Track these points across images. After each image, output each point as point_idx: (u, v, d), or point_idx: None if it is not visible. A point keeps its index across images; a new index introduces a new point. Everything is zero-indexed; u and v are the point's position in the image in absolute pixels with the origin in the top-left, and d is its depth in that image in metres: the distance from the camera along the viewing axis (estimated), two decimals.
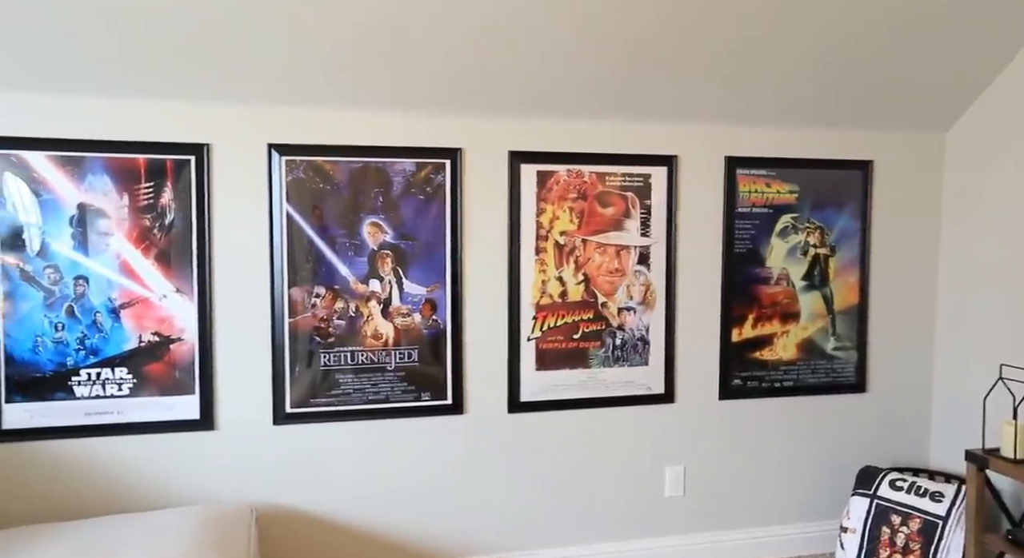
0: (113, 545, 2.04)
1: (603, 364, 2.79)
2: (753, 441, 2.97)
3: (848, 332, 3.02)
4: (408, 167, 2.58)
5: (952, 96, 2.85)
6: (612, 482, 2.85)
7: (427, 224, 2.60)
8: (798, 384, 2.98)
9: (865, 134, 2.98)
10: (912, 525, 2.64)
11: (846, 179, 2.97)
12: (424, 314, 2.62)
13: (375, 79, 2.41)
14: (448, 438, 2.68)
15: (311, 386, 2.55)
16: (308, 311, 2.54)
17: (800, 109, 2.80)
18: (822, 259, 2.97)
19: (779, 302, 2.94)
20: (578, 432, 2.80)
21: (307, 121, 2.50)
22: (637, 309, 2.81)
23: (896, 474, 2.79)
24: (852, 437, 3.07)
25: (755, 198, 2.89)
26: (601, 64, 2.46)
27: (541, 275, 2.71)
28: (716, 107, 2.74)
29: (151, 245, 2.40)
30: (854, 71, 2.65)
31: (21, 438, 2.33)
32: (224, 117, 2.44)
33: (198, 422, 2.47)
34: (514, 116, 2.64)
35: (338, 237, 2.54)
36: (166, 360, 2.43)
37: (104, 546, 2.04)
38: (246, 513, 2.34)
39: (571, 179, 2.72)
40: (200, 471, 2.49)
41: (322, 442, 2.58)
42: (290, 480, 2.56)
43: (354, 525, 2.62)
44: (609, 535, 2.86)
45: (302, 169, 2.50)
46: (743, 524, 2.99)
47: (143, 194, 2.39)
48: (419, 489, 2.67)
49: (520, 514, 2.77)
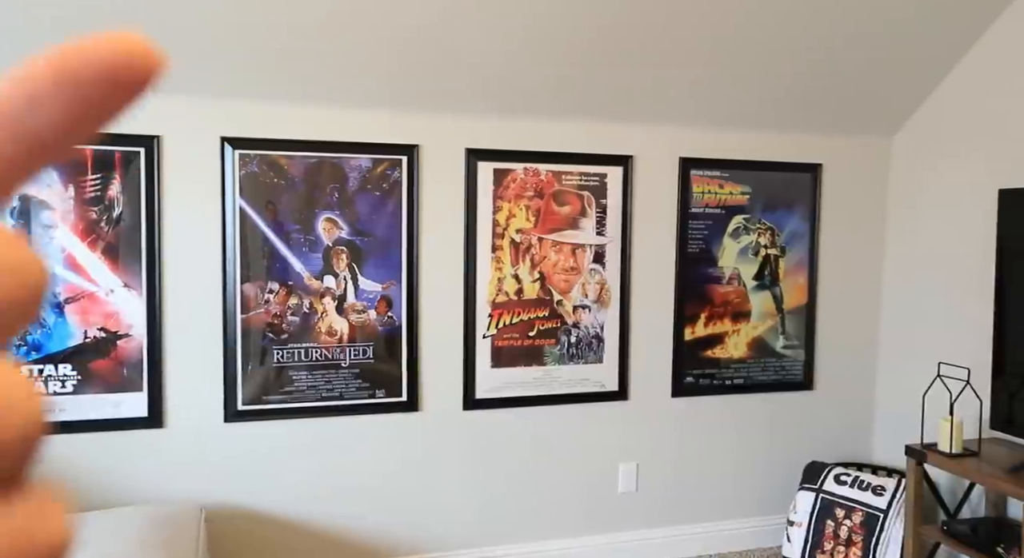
0: None
1: (558, 362, 2.81)
2: (705, 438, 3.03)
3: (797, 331, 3.09)
4: (364, 163, 2.57)
5: (899, 102, 2.94)
6: (566, 479, 2.87)
7: (383, 220, 2.59)
8: (748, 382, 3.05)
9: (815, 138, 3.05)
10: (855, 518, 2.72)
11: (796, 181, 3.05)
12: (379, 311, 2.61)
13: (332, 74, 2.39)
14: (403, 436, 2.68)
15: (264, 383, 2.52)
16: (261, 307, 2.51)
17: (753, 112, 2.87)
18: (772, 259, 3.04)
19: (731, 301, 3.00)
20: (533, 429, 2.82)
21: (262, 115, 2.47)
22: (592, 307, 2.84)
23: (841, 469, 2.88)
24: (800, 433, 3.15)
25: (708, 199, 2.95)
26: (559, 64, 2.48)
27: (497, 273, 2.72)
28: (672, 109, 2.78)
29: (98, 238, 2.35)
30: (805, 76, 2.72)
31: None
32: (176, 109, 2.40)
33: (146, 420, 2.42)
34: (472, 114, 2.65)
35: (293, 232, 2.52)
36: (113, 357, 2.38)
37: None
38: (195, 512, 2.31)
39: (528, 177, 2.73)
40: (148, 470, 2.44)
41: (275, 440, 2.55)
42: (241, 479, 2.53)
43: (307, 524, 2.60)
44: (563, 531, 2.88)
45: (256, 163, 2.47)
46: (695, 519, 3.05)
47: (90, 186, 2.33)
48: (374, 487, 2.66)
49: (475, 511, 2.78)
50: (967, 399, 2.63)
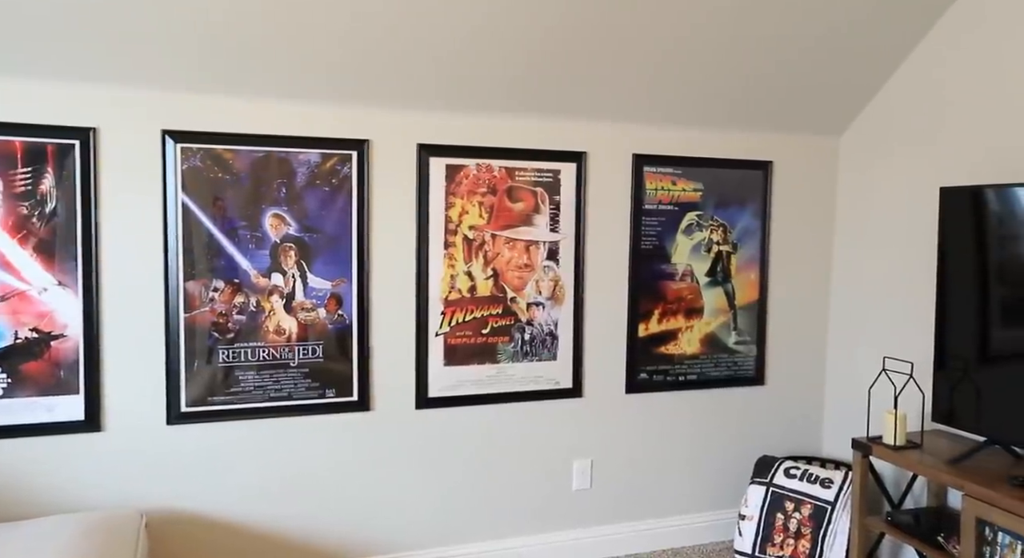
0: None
1: (512, 359, 2.79)
2: (659, 434, 3.05)
3: (748, 327, 3.13)
4: (313, 158, 2.50)
5: (845, 101, 3.00)
6: (521, 476, 2.86)
7: (332, 217, 2.54)
8: (702, 378, 3.07)
9: (765, 136, 3.09)
10: (804, 510, 2.77)
11: (748, 179, 3.08)
12: (329, 309, 2.55)
13: (279, 66, 2.32)
14: (354, 436, 2.63)
15: (209, 384, 2.44)
16: (206, 306, 2.43)
17: (706, 110, 2.88)
18: (725, 256, 3.07)
19: (684, 298, 3.02)
20: (487, 427, 2.79)
21: (205, 108, 2.39)
22: (546, 304, 2.82)
23: (791, 462, 2.92)
24: (752, 428, 3.19)
25: (661, 195, 2.96)
26: (513, 59, 2.46)
27: (450, 270, 2.69)
28: (625, 105, 2.78)
29: (29, 235, 2.25)
30: (756, 75, 2.75)
31: None
32: (113, 100, 2.30)
33: (83, 423, 2.32)
34: (423, 109, 2.61)
35: (239, 229, 2.44)
36: (46, 358, 2.28)
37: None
38: (135, 518, 2.23)
39: (481, 173, 2.70)
40: (86, 475, 2.34)
41: (221, 442, 2.48)
42: (185, 482, 2.45)
43: (255, 527, 2.53)
44: (518, 529, 2.87)
45: (199, 157, 2.39)
46: (649, 515, 3.06)
47: (20, 180, 2.23)
48: (324, 488, 2.61)
49: (429, 511, 2.74)
50: (911, 392, 2.70)
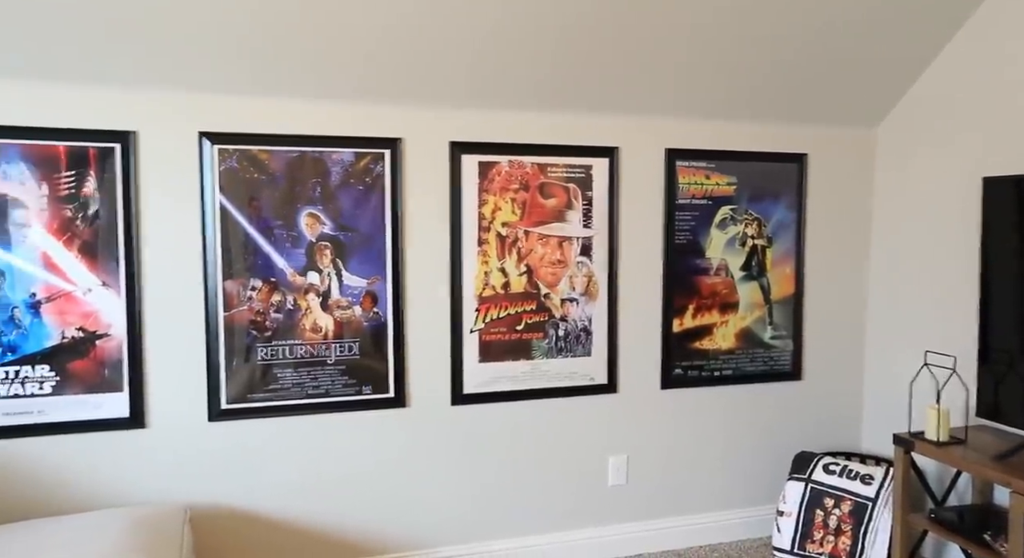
0: (35, 550, 1.95)
1: (546, 355, 2.79)
2: (694, 429, 3.03)
3: (784, 321, 3.09)
4: (347, 157, 2.53)
5: (882, 92, 2.94)
6: (556, 472, 2.86)
7: (367, 215, 2.56)
8: (737, 373, 3.04)
9: (800, 128, 3.05)
10: (844, 507, 2.73)
11: (782, 172, 3.04)
12: (364, 307, 2.58)
13: (312, 67, 2.35)
14: (391, 432, 2.65)
15: (248, 381, 2.48)
16: (244, 304, 2.46)
17: (739, 103, 2.85)
18: (759, 250, 3.04)
19: (718, 292, 2.99)
20: (522, 423, 2.80)
21: (241, 109, 2.42)
22: (580, 300, 2.82)
23: (829, 458, 2.88)
24: (789, 423, 3.15)
25: (695, 190, 2.93)
26: (544, 55, 2.45)
27: (483, 266, 2.69)
28: (657, 100, 2.76)
29: (74, 237, 2.30)
30: (790, 66, 2.71)
31: None
32: (152, 104, 2.34)
33: (128, 420, 2.37)
34: (455, 106, 2.62)
35: (275, 228, 2.48)
36: (92, 357, 2.33)
37: (26, 551, 1.94)
38: (179, 513, 2.27)
39: (513, 170, 2.70)
40: (131, 471, 2.40)
41: (260, 438, 2.52)
42: (227, 478, 2.49)
43: (294, 522, 2.57)
44: (554, 525, 2.87)
45: (236, 158, 2.42)
46: (685, 511, 3.05)
47: (64, 183, 2.28)
48: (362, 484, 2.63)
49: (465, 507, 2.76)
50: (954, 387, 2.64)
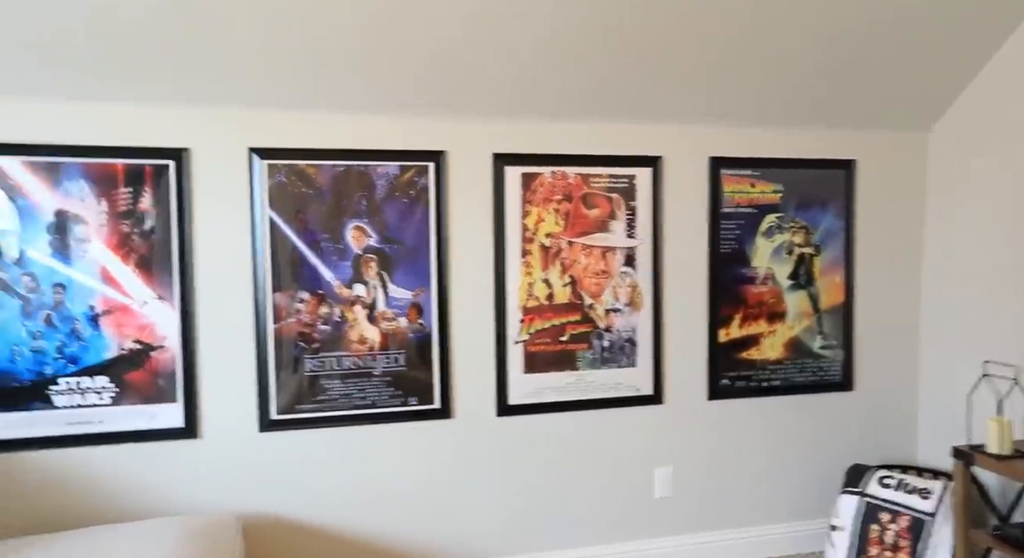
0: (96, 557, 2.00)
1: (591, 366, 2.77)
2: (742, 441, 2.97)
3: (834, 331, 3.02)
4: (391, 170, 2.56)
5: (934, 95, 2.87)
6: (602, 484, 2.83)
7: (412, 227, 2.58)
8: (786, 383, 2.98)
9: (848, 134, 2.99)
10: (901, 522, 2.65)
11: (830, 178, 2.98)
12: (410, 318, 2.60)
13: (357, 82, 2.39)
14: (437, 443, 2.66)
15: (297, 392, 2.52)
16: (292, 316, 2.51)
17: (784, 109, 2.81)
18: (807, 258, 2.98)
19: (765, 302, 2.94)
20: (567, 435, 2.78)
21: (288, 125, 2.47)
22: (624, 310, 2.80)
23: (884, 472, 2.80)
24: (840, 435, 3.08)
25: (740, 198, 2.89)
26: (584, 65, 2.46)
27: (527, 278, 2.69)
28: (700, 108, 2.74)
29: (131, 251, 2.37)
30: (836, 71, 2.66)
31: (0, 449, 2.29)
32: (203, 121, 2.41)
33: (182, 430, 2.43)
34: (498, 118, 2.63)
35: (322, 241, 2.51)
36: (148, 368, 2.39)
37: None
38: (232, 522, 2.31)
39: (556, 181, 2.71)
40: (185, 480, 2.45)
41: (309, 449, 2.55)
42: (277, 488, 2.53)
43: (343, 532, 2.59)
44: (599, 538, 2.84)
45: (284, 173, 2.47)
46: (733, 524, 2.99)
47: (122, 199, 2.35)
48: (408, 495, 2.65)
49: (510, 518, 2.75)
50: (1015, 398, 2.55)
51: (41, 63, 2.14)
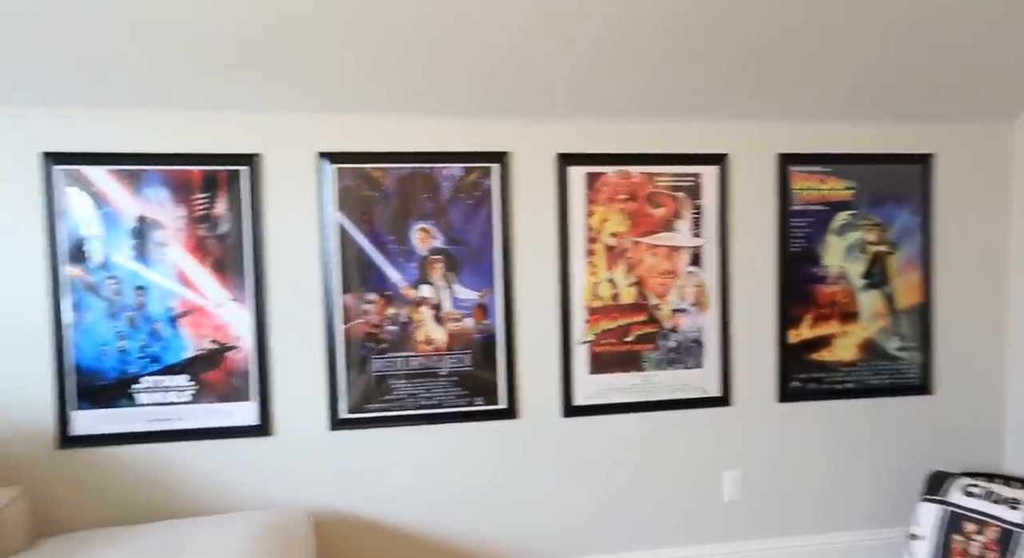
0: (178, 550, 2.07)
1: (657, 367, 2.74)
2: (813, 445, 2.88)
3: (912, 332, 2.90)
4: (456, 172, 2.58)
5: (1020, 82, 2.73)
6: (669, 487, 2.79)
7: (476, 228, 2.59)
8: (860, 386, 2.88)
9: (925, 126, 2.87)
10: (988, 533, 2.52)
11: (906, 174, 2.87)
12: (476, 319, 2.61)
13: (422, 85, 2.41)
14: (503, 443, 2.67)
15: (365, 392, 2.56)
16: (361, 317, 2.55)
17: (855, 103, 2.72)
18: (882, 257, 2.87)
19: (837, 302, 2.85)
20: (633, 436, 2.75)
21: (355, 129, 2.52)
22: (690, 310, 2.75)
23: (969, 480, 2.67)
24: (918, 441, 2.96)
25: (809, 195, 2.81)
26: (648, 63, 2.42)
27: (592, 278, 2.67)
28: (766, 104, 2.67)
29: (206, 254, 2.45)
30: (911, 60, 2.56)
31: (88, 444, 2.40)
32: (274, 127, 2.47)
33: (257, 428, 2.50)
34: (561, 118, 2.62)
35: (388, 243, 2.55)
36: (223, 367, 2.47)
37: (169, 550, 2.07)
38: (304, 518, 2.36)
39: (620, 180, 2.68)
40: (259, 477, 2.52)
41: (378, 448, 2.59)
42: (346, 485, 2.57)
43: (410, 530, 2.62)
44: (666, 541, 2.80)
45: (351, 177, 2.52)
46: (804, 530, 2.90)
47: (198, 205, 2.44)
48: (475, 494, 2.66)
49: (576, 519, 2.73)
50: None
51: (122, 77, 2.23)
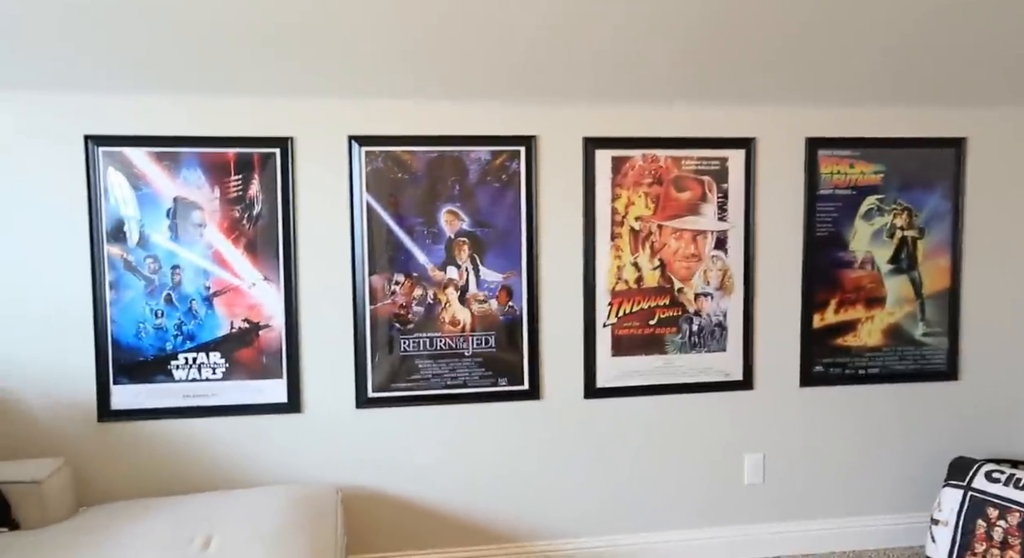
0: (213, 520, 2.15)
1: (680, 350, 2.76)
2: (836, 429, 2.89)
3: (939, 318, 2.89)
4: (483, 155, 2.60)
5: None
6: (689, 469, 2.82)
7: (503, 211, 2.62)
8: (884, 371, 2.88)
9: (957, 110, 2.83)
10: (1011, 519, 2.52)
11: (936, 158, 2.84)
12: (500, 301, 2.65)
13: (450, 70, 2.44)
14: (525, 423, 2.71)
15: (391, 371, 2.62)
16: (388, 298, 2.60)
17: (885, 86, 2.69)
18: (910, 242, 2.85)
19: (863, 286, 2.84)
20: (655, 418, 2.78)
21: (385, 112, 2.55)
22: (714, 294, 2.76)
23: (992, 465, 2.67)
24: (942, 426, 2.95)
25: (837, 180, 2.80)
26: (675, 47, 2.42)
27: (616, 261, 2.70)
28: (795, 87, 2.65)
29: (240, 235, 2.51)
30: (943, 43, 2.52)
31: (127, 418, 2.49)
32: (307, 110, 2.52)
33: (286, 405, 2.57)
34: (588, 102, 2.63)
35: (416, 225, 2.59)
36: (255, 346, 2.54)
37: (204, 521, 2.15)
38: (332, 494, 2.43)
39: (646, 164, 2.69)
40: (288, 452, 2.59)
41: (403, 426, 2.65)
42: (373, 462, 2.64)
43: (434, 507, 2.69)
44: (687, 522, 2.84)
45: (381, 159, 2.56)
46: (826, 514, 2.92)
47: (232, 186, 2.50)
48: (498, 473, 2.71)
49: (597, 499, 2.78)
50: None
51: (165, 63, 2.28)
